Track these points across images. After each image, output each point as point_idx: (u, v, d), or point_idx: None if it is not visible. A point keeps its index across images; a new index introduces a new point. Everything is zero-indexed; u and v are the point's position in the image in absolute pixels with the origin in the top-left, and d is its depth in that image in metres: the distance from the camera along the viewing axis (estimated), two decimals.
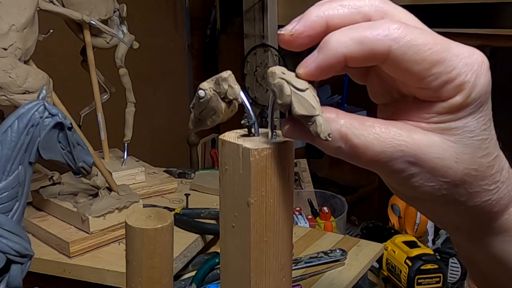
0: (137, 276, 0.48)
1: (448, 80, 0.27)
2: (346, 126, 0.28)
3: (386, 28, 0.26)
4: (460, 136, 0.28)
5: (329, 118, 0.28)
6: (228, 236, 0.32)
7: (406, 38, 0.26)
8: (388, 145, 0.27)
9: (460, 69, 0.26)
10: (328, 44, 0.27)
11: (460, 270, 0.93)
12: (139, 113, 1.04)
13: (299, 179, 1.38)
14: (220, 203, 0.32)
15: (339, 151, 0.28)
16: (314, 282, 0.79)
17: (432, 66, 0.26)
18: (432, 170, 0.28)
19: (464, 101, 0.27)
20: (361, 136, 0.27)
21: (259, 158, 0.29)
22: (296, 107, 0.27)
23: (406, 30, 0.26)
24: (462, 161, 0.28)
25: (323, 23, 0.28)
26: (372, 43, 0.26)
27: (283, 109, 0.28)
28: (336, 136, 0.28)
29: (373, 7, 0.29)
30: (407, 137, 0.28)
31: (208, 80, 0.31)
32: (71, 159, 0.59)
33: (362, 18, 0.29)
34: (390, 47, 0.26)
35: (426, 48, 0.26)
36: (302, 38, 0.29)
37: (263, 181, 0.30)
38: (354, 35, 0.27)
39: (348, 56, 0.27)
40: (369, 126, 0.28)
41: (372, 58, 0.27)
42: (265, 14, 1.89)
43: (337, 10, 0.29)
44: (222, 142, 0.31)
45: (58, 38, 0.86)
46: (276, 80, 0.28)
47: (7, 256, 0.51)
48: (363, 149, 0.27)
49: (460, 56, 0.27)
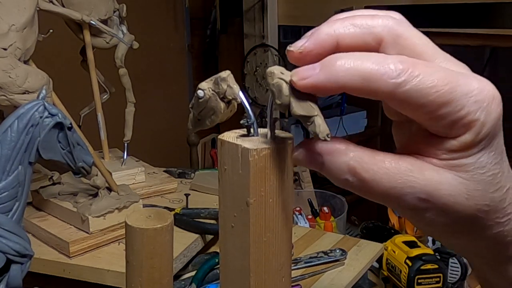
0: (137, 276, 0.48)
1: (457, 119, 0.26)
2: (355, 160, 0.27)
3: (394, 70, 0.25)
4: (471, 173, 0.27)
5: (339, 150, 0.27)
6: (227, 236, 0.32)
7: (412, 82, 0.25)
8: (398, 181, 0.27)
9: (469, 107, 0.26)
10: (332, 67, 0.26)
11: (460, 270, 0.93)
12: (139, 113, 1.04)
13: (299, 179, 1.38)
14: (220, 203, 0.32)
15: (347, 183, 0.28)
16: (314, 282, 0.79)
17: (439, 107, 0.26)
18: (443, 207, 0.27)
19: (474, 138, 0.26)
20: (371, 171, 0.27)
21: (258, 158, 0.29)
22: (295, 107, 0.27)
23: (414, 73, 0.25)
24: (473, 198, 0.27)
25: (333, 42, 0.28)
26: (377, 83, 0.26)
27: (282, 109, 0.28)
28: (344, 169, 0.27)
29: (386, 28, 0.28)
30: (418, 173, 0.27)
31: (207, 80, 0.31)
32: (71, 159, 0.59)
33: (374, 40, 0.28)
34: (395, 90, 0.25)
35: (433, 91, 0.25)
36: (311, 56, 0.28)
37: (262, 181, 0.30)
38: (360, 68, 0.26)
39: (349, 87, 0.26)
40: (379, 161, 0.27)
41: (375, 95, 0.26)
42: (265, 14, 1.89)
43: (348, 29, 0.28)
44: (222, 142, 0.31)
45: (58, 38, 0.86)
46: (275, 80, 0.28)
47: (7, 256, 0.51)
48: (372, 183, 0.27)
49: (469, 95, 0.26)
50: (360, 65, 0.26)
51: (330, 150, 0.28)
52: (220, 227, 0.32)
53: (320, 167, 0.28)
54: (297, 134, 2.02)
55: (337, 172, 0.28)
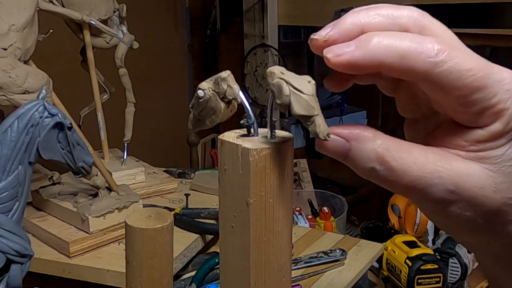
0: (137, 276, 0.48)
1: (488, 106, 0.26)
2: (383, 147, 0.26)
3: (432, 49, 0.25)
4: (499, 165, 0.27)
5: (366, 137, 0.27)
6: (227, 236, 0.32)
7: (450, 63, 0.25)
8: (427, 170, 0.26)
9: (501, 95, 0.26)
10: (368, 43, 0.26)
11: (460, 270, 0.93)
12: (139, 113, 1.04)
13: (299, 179, 1.38)
14: (220, 203, 0.32)
15: (373, 172, 0.27)
16: (314, 282, 0.79)
17: (473, 92, 0.25)
18: (471, 200, 0.27)
19: (504, 128, 0.26)
20: (399, 159, 0.26)
21: (258, 158, 0.29)
22: (295, 107, 0.27)
23: (452, 54, 0.25)
24: (500, 191, 0.27)
25: (359, 31, 0.27)
26: (414, 61, 0.25)
27: (282, 109, 0.28)
28: (371, 156, 0.27)
29: (411, 19, 0.28)
30: (446, 164, 0.26)
31: (207, 80, 0.31)
32: (71, 159, 0.59)
33: (399, 30, 0.27)
34: (432, 69, 0.25)
35: (469, 74, 0.25)
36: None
37: (262, 181, 0.30)
38: (398, 46, 0.25)
39: (387, 66, 0.26)
40: (407, 150, 0.27)
41: (410, 75, 0.26)
42: (265, 14, 1.89)
43: (373, 18, 0.27)
44: (222, 142, 0.31)
45: (58, 38, 0.86)
46: (275, 80, 0.28)
47: (7, 256, 0.51)
48: (400, 172, 0.26)
49: (502, 82, 0.26)
50: (398, 42, 0.25)
51: (357, 136, 0.27)
52: (220, 227, 0.32)
53: (345, 154, 0.27)
54: (297, 134, 2.02)
55: (363, 160, 0.27)
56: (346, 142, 0.27)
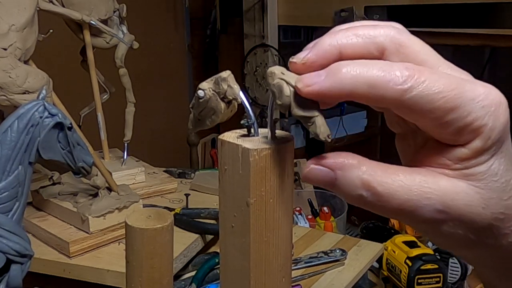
0: (137, 276, 0.48)
1: (464, 125, 0.26)
2: (369, 173, 0.27)
3: (400, 76, 0.25)
4: (486, 181, 0.27)
5: (351, 165, 0.27)
6: (227, 236, 0.32)
7: (419, 88, 0.25)
8: (414, 192, 0.26)
9: (476, 113, 0.26)
10: (338, 74, 0.26)
11: (460, 270, 0.93)
12: (139, 113, 1.04)
13: (299, 179, 1.38)
14: (220, 203, 0.32)
15: (361, 199, 0.27)
16: (314, 282, 0.79)
17: (446, 113, 0.25)
18: (460, 218, 0.27)
19: (484, 144, 0.26)
20: (385, 184, 0.26)
21: (258, 159, 0.29)
22: (296, 108, 0.27)
23: (420, 79, 0.25)
24: (489, 206, 0.27)
25: (336, 52, 0.28)
26: (383, 89, 0.25)
27: (283, 109, 0.28)
28: (358, 184, 0.27)
29: (388, 37, 0.28)
30: (433, 184, 0.27)
31: (208, 80, 0.31)
32: (71, 159, 0.59)
33: (376, 49, 0.28)
34: (402, 97, 0.25)
35: (440, 96, 0.25)
36: (314, 67, 0.28)
37: (263, 181, 0.30)
38: (366, 75, 0.26)
39: (355, 94, 0.26)
40: (393, 173, 0.27)
41: (381, 103, 0.26)
42: (265, 14, 1.89)
43: (351, 39, 0.28)
44: (222, 142, 0.31)
45: (58, 38, 0.86)
46: (276, 80, 0.28)
47: (7, 256, 0.51)
48: (387, 197, 0.26)
49: (476, 100, 0.26)
50: (366, 71, 0.26)
51: (341, 165, 0.27)
52: (220, 227, 0.32)
53: (332, 183, 0.27)
54: (297, 134, 2.02)
55: (350, 188, 0.27)
56: (331, 172, 0.27)
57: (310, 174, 0.28)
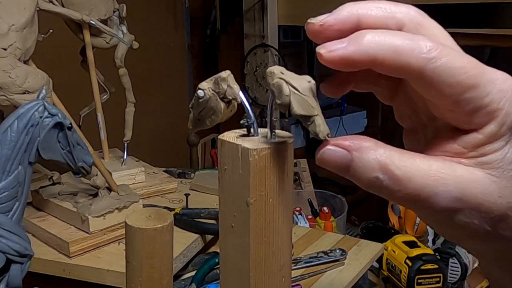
0: (137, 276, 0.48)
1: (481, 106, 0.26)
2: (386, 156, 0.26)
3: (424, 46, 0.25)
4: (501, 170, 0.26)
5: (367, 147, 0.26)
6: (227, 236, 0.32)
7: (443, 60, 0.25)
8: (431, 177, 0.26)
9: (493, 95, 0.25)
10: (362, 39, 0.26)
11: (460, 270, 0.93)
12: (139, 113, 1.04)
13: (299, 179, 1.38)
14: (220, 203, 0.32)
15: (376, 182, 0.26)
16: (314, 282, 0.79)
17: (466, 90, 0.25)
18: (477, 206, 0.26)
19: (499, 129, 0.26)
20: (403, 167, 0.26)
21: (258, 158, 0.29)
22: (295, 107, 0.27)
23: (444, 52, 0.25)
24: (505, 196, 0.26)
25: (355, 20, 0.27)
26: (408, 57, 0.25)
27: (282, 109, 0.28)
28: (374, 166, 0.26)
29: (408, 15, 0.28)
30: (450, 171, 0.26)
31: (207, 80, 0.31)
32: (70, 159, 0.59)
33: (395, 25, 0.28)
34: (425, 66, 0.25)
35: (462, 71, 0.25)
36: (331, 30, 0.27)
37: (262, 181, 0.30)
38: (391, 42, 0.25)
39: (380, 61, 0.26)
40: (410, 158, 0.26)
41: (403, 72, 0.26)
42: (265, 14, 1.89)
43: (371, 10, 0.28)
44: (221, 142, 0.31)
45: (58, 38, 0.86)
46: (275, 80, 0.28)
47: (7, 256, 0.51)
48: (404, 181, 0.26)
49: (495, 82, 0.26)
50: (391, 39, 0.26)
51: (358, 146, 0.26)
52: (220, 227, 0.32)
53: (347, 166, 0.27)
54: (297, 134, 2.02)
55: (366, 170, 0.26)
56: (348, 153, 0.26)
57: (324, 155, 0.27)
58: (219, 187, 0.32)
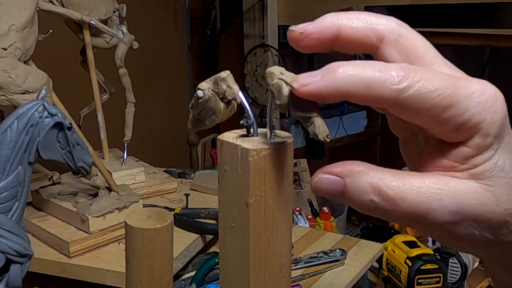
0: (137, 276, 0.48)
1: (462, 122, 0.26)
2: (378, 178, 0.27)
3: (396, 76, 0.25)
4: (494, 178, 0.27)
5: (359, 171, 0.27)
6: (227, 236, 0.32)
7: (415, 87, 0.25)
8: (425, 194, 0.26)
9: (473, 109, 0.26)
10: (334, 73, 0.26)
11: (460, 270, 0.93)
12: (139, 113, 1.04)
13: (299, 179, 1.38)
14: (220, 203, 0.32)
15: (371, 205, 0.27)
16: (314, 282, 0.79)
17: (443, 110, 0.26)
18: (474, 217, 0.27)
19: (485, 139, 0.26)
20: (395, 187, 0.26)
21: (257, 159, 0.29)
22: (294, 109, 0.27)
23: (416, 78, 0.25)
24: (502, 203, 0.27)
25: (335, 30, 0.28)
26: (380, 89, 0.25)
27: (282, 109, 0.28)
28: (367, 189, 0.26)
29: (388, 27, 0.28)
30: (443, 185, 0.27)
31: (207, 80, 0.31)
32: (70, 159, 0.59)
33: (375, 36, 0.28)
34: (398, 96, 0.25)
35: (435, 94, 0.25)
36: (311, 39, 0.28)
37: (262, 181, 0.30)
38: (362, 75, 0.26)
39: (351, 94, 0.26)
40: (402, 178, 0.27)
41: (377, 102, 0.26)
42: (265, 14, 1.89)
43: (352, 21, 0.28)
44: (221, 143, 0.31)
45: (58, 38, 0.86)
46: (275, 80, 0.28)
47: (7, 256, 0.51)
48: (399, 201, 0.26)
49: (472, 96, 0.26)
50: (362, 71, 0.26)
51: (350, 171, 0.27)
52: (220, 227, 0.32)
53: (342, 191, 0.27)
54: (297, 134, 2.02)
55: (360, 194, 0.27)
56: (340, 179, 0.27)
57: (319, 183, 0.28)
58: (219, 187, 0.32)
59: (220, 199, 0.32)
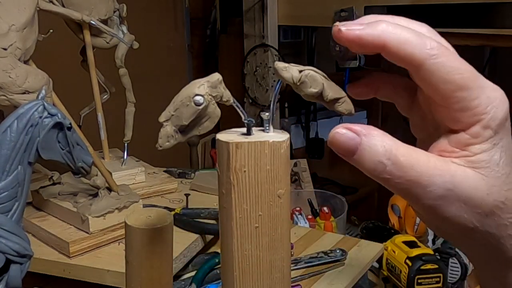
0: (137, 276, 0.48)
1: (469, 106, 0.28)
2: (392, 143, 0.28)
3: (429, 43, 0.28)
4: (489, 169, 0.29)
5: (376, 134, 0.29)
6: (248, 240, 0.31)
7: (442, 58, 0.28)
8: (431, 167, 0.28)
9: (481, 100, 0.28)
10: (377, 26, 0.29)
11: (460, 270, 0.93)
12: (139, 113, 1.04)
13: (299, 179, 1.38)
14: (233, 209, 0.31)
15: (380, 167, 0.28)
16: (314, 282, 0.79)
17: (458, 89, 0.28)
18: (467, 200, 0.29)
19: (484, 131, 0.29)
20: (406, 155, 0.28)
21: (286, 149, 0.31)
22: (330, 92, 0.31)
23: (445, 52, 0.28)
24: (492, 193, 0.29)
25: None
26: (413, 49, 0.28)
27: (312, 98, 0.31)
28: (380, 151, 0.28)
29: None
30: (446, 166, 0.29)
31: (199, 86, 0.31)
32: (70, 159, 0.59)
33: None
34: (426, 60, 0.28)
35: (457, 72, 0.28)
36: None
37: (288, 170, 0.31)
38: (401, 33, 0.29)
39: (388, 47, 0.29)
40: (413, 150, 0.29)
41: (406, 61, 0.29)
42: (265, 14, 1.89)
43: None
44: (237, 145, 0.30)
45: (58, 38, 0.86)
46: (307, 71, 0.31)
47: (7, 256, 0.51)
48: (407, 167, 0.28)
49: (485, 89, 0.28)
50: (402, 30, 0.29)
51: (368, 132, 0.29)
52: (234, 232, 0.32)
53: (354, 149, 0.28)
54: (297, 134, 2.02)
55: (372, 154, 0.28)
56: (357, 136, 0.29)
57: (335, 136, 0.29)
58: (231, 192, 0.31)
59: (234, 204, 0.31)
